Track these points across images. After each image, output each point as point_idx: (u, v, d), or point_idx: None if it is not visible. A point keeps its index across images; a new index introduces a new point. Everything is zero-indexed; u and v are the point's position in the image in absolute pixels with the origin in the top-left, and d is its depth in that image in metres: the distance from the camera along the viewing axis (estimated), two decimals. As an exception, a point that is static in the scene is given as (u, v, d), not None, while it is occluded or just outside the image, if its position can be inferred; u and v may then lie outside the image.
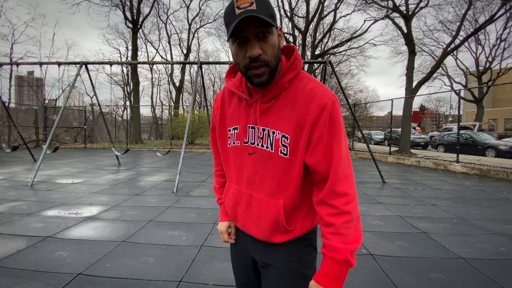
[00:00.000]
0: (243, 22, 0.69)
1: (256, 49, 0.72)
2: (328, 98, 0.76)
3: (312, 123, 0.76)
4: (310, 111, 0.76)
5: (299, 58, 0.83)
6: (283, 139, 0.79)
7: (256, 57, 0.73)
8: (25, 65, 36.96)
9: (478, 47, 22.27)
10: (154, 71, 31.60)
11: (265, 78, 0.76)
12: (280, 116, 0.80)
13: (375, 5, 13.16)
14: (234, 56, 0.78)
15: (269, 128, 0.82)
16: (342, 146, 0.77)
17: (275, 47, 0.75)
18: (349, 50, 22.57)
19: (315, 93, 0.77)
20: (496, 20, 10.61)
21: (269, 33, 0.73)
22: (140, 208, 4.01)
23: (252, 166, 0.86)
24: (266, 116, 0.82)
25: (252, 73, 0.76)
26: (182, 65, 23.91)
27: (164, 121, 25.95)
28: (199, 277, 2.16)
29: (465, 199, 4.86)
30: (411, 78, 11.82)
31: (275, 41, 0.75)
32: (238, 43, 0.74)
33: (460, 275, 2.25)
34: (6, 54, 18.37)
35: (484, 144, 11.71)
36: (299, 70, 0.82)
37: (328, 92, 0.77)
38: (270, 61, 0.74)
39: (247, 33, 0.71)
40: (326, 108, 0.75)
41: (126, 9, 18.52)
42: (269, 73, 0.76)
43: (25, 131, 17.54)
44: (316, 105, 0.75)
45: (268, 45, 0.73)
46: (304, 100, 0.77)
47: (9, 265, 2.26)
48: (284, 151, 0.79)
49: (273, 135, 0.81)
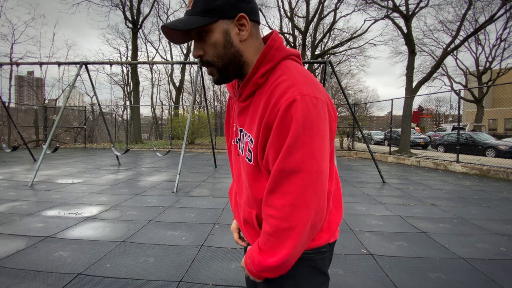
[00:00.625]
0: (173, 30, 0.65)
1: (195, 50, 0.69)
2: (287, 97, 0.60)
3: (267, 126, 0.64)
4: (267, 112, 0.63)
5: (279, 46, 0.69)
6: (250, 144, 0.71)
7: (197, 58, 0.70)
8: (25, 65, 37.03)
9: (478, 47, 22.30)
10: (154, 71, 31.62)
11: (218, 77, 0.71)
12: (252, 116, 0.71)
13: (375, 5, 13.16)
14: None
15: (244, 129, 0.75)
16: (291, 158, 0.59)
17: (217, 45, 0.67)
18: (349, 50, 22.58)
19: (277, 91, 0.63)
20: (496, 20, 10.62)
21: (207, 32, 0.66)
22: (140, 208, 4.01)
23: (238, 169, 0.82)
24: (242, 116, 0.76)
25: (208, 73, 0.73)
26: (182, 65, 23.91)
27: (164, 121, 25.95)
28: (199, 277, 2.16)
29: (465, 199, 4.86)
30: (411, 78, 11.83)
31: (217, 39, 0.66)
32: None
33: (460, 275, 2.25)
34: (6, 54, 18.39)
35: (484, 144, 11.71)
36: (277, 61, 0.68)
37: (293, 88, 0.60)
38: (212, 61, 0.69)
39: (192, 35, 0.69)
40: (280, 109, 0.60)
41: (126, 9, 18.52)
42: (218, 72, 0.71)
43: (25, 131, 17.53)
44: (273, 105, 0.62)
45: (207, 45, 0.68)
46: (266, 99, 0.65)
47: (9, 265, 2.26)
48: (249, 156, 0.72)
49: (245, 137, 0.73)
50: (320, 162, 0.60)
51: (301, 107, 0.58)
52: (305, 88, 0.61)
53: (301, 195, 0.59)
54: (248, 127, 0.72)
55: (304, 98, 0.59)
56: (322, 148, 0.60)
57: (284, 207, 0.61)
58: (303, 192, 0.59)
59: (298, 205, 0.60)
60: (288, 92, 0.60)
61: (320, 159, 0.60)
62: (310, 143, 0.59)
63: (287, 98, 0.59)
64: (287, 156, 0.59)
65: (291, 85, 0.61)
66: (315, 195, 0.60)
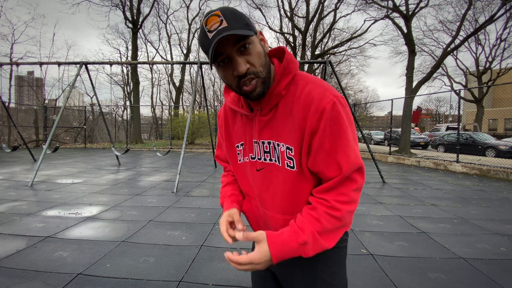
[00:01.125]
0: (219, 44, 0.66)
1: (242, 65, 0.68)
2: (326, 101, 0.68)
3: (311, 132, 0.70)
4: (309, 119, 0.70)
5: (293, 59, 0.77)
6: (288, 151, 0.74)
7: (245, 73, 0.69)
8: (25, 65, 37.03)
9: (478, 47, 22.28)
10: (154, 71, 31.62)
11: (259, 89, 0.72)
12: (281, 126, 0.75)
13: (375, 5, 13.17)
14: (223, 80, 0.75)
15: (273, 141, 0.77)
16: (349, 149, 0.70)
17: (261, 55, 0.71)
18: (349, 50, 22.60)
19: (311, 98, 0.70)
20: (496, 20, 10.62)
21: (250, 44, 0.68)
22: (140, 208, 4.01)
23: (261, 183, 0.82)
24: (267, 128, 0.78)
25: (245, 90, 0.72)
26: (182, 65, 23.91)
27: (164, 121, 25.97)
28: (199, 277, 2.16)
29: (465, 199, 4.86)
30: (411, 78, 11.83)
31: (259, 49, 0.71)
32: (223, 66, 0.71)
33: (460, 275, 2.25)
34: (6, 54, 18.40)
35: (484, 144, 11.71)
36: (295, 73, 0.76)
37: (327, 93, 0.70)
38: (259, 71, 0.70)
39: (228, 53, 0.68)
40: (325, 113, 0.68)
41: (126, 9, 18.53)
42: (262, 83, 0.72)
43: (25, 131, 17.53)
44: (313, 111, 0.69)
45: (252, 56, 0.69)
46: (301, 107, 0.71)
47: (9, 265, 2.26)
48: (291, 164, 0.74)
49: (278, 147, 0.76)
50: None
51: (341, 106, 0.70)
52: (333, 91, 0.71)
53: (362, 181, 0.73)
54: (278, 137, 0.76)
55: (339, 99, 0.70)
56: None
57: (353, 192, 0.72)
58: (362, 178, 0.74)
59: (360, 189, 0.74)
60: (325, 98, 0.69)
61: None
62: (355, 138, 0.73)
63: (328, 102, 0.69)
64: (349, 148, 0.70)
65: (323, 90, 0.71)
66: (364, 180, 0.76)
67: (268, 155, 0.79)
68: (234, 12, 0.67)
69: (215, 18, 0.65)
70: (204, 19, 0.67)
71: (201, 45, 0.70)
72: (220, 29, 0.64)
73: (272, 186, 0.80)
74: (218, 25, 0.65)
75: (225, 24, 0.65)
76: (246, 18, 0.68)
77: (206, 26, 0.66)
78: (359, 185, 0.72)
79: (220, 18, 0.65)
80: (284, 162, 0.75)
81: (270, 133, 0.77)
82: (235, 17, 0.66)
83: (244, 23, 0.67)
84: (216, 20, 0.65)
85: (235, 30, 0.64)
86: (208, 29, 0.66)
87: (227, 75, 0.72)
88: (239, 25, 0.66)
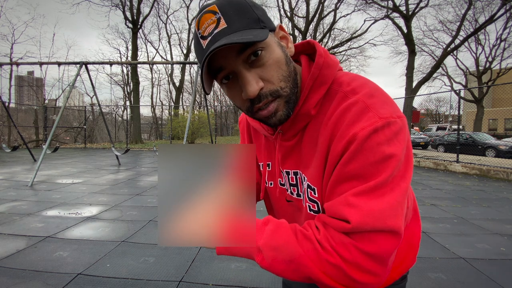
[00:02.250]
0: (216, 56, 0.46)
1: (253, 84, 0.46)
2: (362, 126, 0.44)
3: (334, 167, 0.48)
4: (333, 148, 0.48)
5: (328, 60, 0.53)
6: (310, 191, 0.55)
7: (257, 95, 0.48)
8: (25, 65, 37.04)
9: (478, 47, 22.31)
10: (154, 71, 31.64)
11: (282, 114, 0.51)
12: (307, 157, 0.55)
13: (375, 5, 13.19)
14: (231, 100, 0.54)
15: (300, 171, 0.58)
16: (379, 202, 0.43)
17: (281, 63, 0.48)
18: (349, 50, 22.64)
19: (344, 119, 0.47)
20: (496, 20, 10.63)
21: (263, 49, 0.47)
22: (140, 208, 4.01)
23: (291, 217, 0.64)
24: (292, 156, 0.59)
25: (262, 115, 0.51)
26: (182, 65, 23.92)
27: (164, 121, 25.99)
28: (199, 277, 2.16)
29: (465, 199, 4.86)
30: (411, 78, 11.84)
31: (278, 55, 0.48)
32: (226, 84, 0.51)
33: (460, 275, 2.25)
34: (6, 54, 18.44)
35: (484, 144, 11.71)
36: (331, 82, 0.52)
37: (370, 114, 0.45)
38: (280, 88, 0.48)
39: (231, 68, 0.48)
40: (354, 142, 0.44)
41: (126, 9, 18.55)
42: (286, 103, 0.50)
43: (25, 131, 17.54)
44: (339, 137, 0.46)
45: (268, 67, 0.47)
46: (329, 132, 0.49)
47: (9, 265, 2.26)
48: (315, 208, 0.55)
49: (304, 182, 0.57)
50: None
51: (386, 140, 0.44)
52: (384, 109, 0.46)
53: (385, 252, 0.50)
54: (305, 168, 0.56)
55: (389, 125, 0.45)
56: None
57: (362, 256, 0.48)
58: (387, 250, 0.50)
59: (379, 260, 0.49)
60: (363, 117, 0.45)
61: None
62: (403, 194, 0.45)
63: (364, 127, 0.44)
64: (377, 203, 0.44)
65: (365, 108, 0.46)
66: None
67: (295, 188, 0.61)
68: (237, 4, 0.46)
69: (209, 17, 0.46)
70: (197, 18, 0.48)
71: (196, 56, 0.51)
72: (217, 33, 0.45)
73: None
74: (213, 26, 0.45)
75: (223, 25, 0.45)
76: (256, 9, 0.48)
77: (199, 30, 0.47)
78: (375, 253, 0.43)
79: (217, 15, 0.45)
80: (307, 205, 0.56)
81: (296, 162, 0.58)
82: (238, 11, 0.46)
83: (253, 18, 0.46)
84: (211, 20, 0.46)
85: (238, 34, 0.44)
86: (201, 33, 0.47)
87: (234, 96, 0.52)
88: (244, 23, 0.46)
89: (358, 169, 0.44)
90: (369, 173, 0.44)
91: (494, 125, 24.36)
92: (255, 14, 0.47)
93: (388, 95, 0.50)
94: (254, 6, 0.48)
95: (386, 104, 0.47)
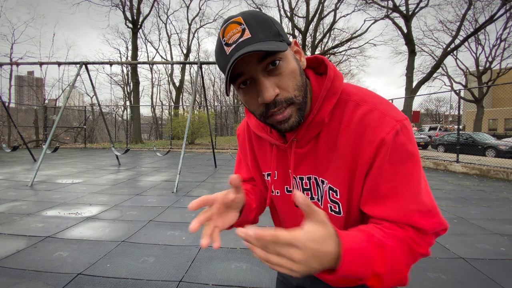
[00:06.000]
0: (238, 63, 0.51)
1: (270, 90, 0.51)
2: (386, 130, 0.51)
3: (367, 169, 0.54)
4: (362, 152, 0.53)
5: (338, 74, 0.59)
6: (331, 193, 0.60)
7: (273, 100, 0.53)
8: (25, 65, 37.01)
9: (478, 47, 22.33)
10: (154, 71, 31.65)
11: (294, 120, 0.55)
12: (324, 161, 0.60)
13: (375, 5, 13.20)
14: (245, 105, 0.59)
15: (316, 176, 0.63)
16: (421, 191, 0.52)
17: (296, 74, 0.54)
18: (349, 50, 22.65)
19: (366, 125, 0.53)
20: (496, 20, 10.64)
21: (281, 60, 0.52)
22: (140, 208, 4.01)
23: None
24: (307, 162, 0.63)
25: (275, 120, 0.55)
26: (182, 65, 23.92)
27: (164, 121, 26.01)
28: (199, 277, 2.16)
29: (465, 199, 4.86)
30: (411, 78, 11.85)
31: (293, 66, 0.54)
32: (244, 89, 0.55)
33: (460, 275, 2.25)
34: (6, 54, 18.47)
35: (484, 144, 11.71)
36: (340, 92, 0.58)
37: (387, 119, 0.52)
38: (294, 96, 0.53)
39: (250, 74, 0.52)
40: (384, 146, 0.51)
41: (126, 9, 18.56)
42: (298, 110, 0.55)
43: (25, 131, 17.54)
44: (367, 142, 0.53)
45: (284, 76, 0.52)
46: (351, 139, 0.55)
47: (9, 265, 2.26)
48: (336, 208, 0.60)
49: (322, 185, 0.62)
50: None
51: (407, 136, 0.52)
52: (395, 113, 0.53)
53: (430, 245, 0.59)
54: (323, 173, 0.61)
55: (405, 125, 0.53)
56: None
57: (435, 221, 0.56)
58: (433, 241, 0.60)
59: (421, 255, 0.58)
60: (384, 123, 0.52)
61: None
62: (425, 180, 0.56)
63: (389, 130, 0.51)
64: (421, 190, 0.52)
65: (382, 114, 0.53)
66: None
67: (308, 192, 0.65)
68: (260, 18, 0.52)
69: (235, 27, 0.51)
70: (222, 27, 0.53)
71: (217, 61, 0.56)
72: (241, 42, 0.50)
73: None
74: (238, 36, 0.50)
75: (247, 35, 0.50)
76: (276, 24, 0.54)
77: (224, 38, 0.52)
78: (436, 215, 0.53)
79: (242, 26, 0.51)
80: (328, 205, 0.61)
81: (310, 167, 0.63)
82: (261, 24, 0.51)
83: (273, 32, 0.52)
84: (236, 30, 0.51)
85: (260, 44, 0.49)
86: (225, 41, 0.52)
87: (249, 101, 0.56)
88: (266, 35, 0.51)
89: (394, 170, 0.52)
90: (406, 171, 0.52)
91: (494, 125, 24.35)
92: (275, 28, 0.53)
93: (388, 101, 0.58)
94: (275, 22, 0.54)
95: (393, 109, 0.55)
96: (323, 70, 0.62)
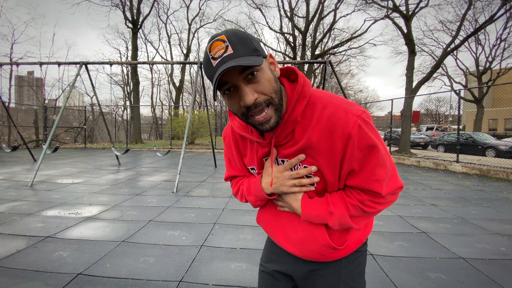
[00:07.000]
0: (224, 73, 0.62)
1: (249, 95, 0.63)
2: (351, 126, 0.67)
3: (340, 158, 0.70)
4: (334, 145, 0.68)
5: (306, 81, 0.73)
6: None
7: (252, 103, 0.64)
8: (25, 65, 37.03)
9: (478, 47, 22.28)
10: (154, 71, 31.64)
11: (274, 121, 0.68)
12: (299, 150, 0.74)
13: (375, 5, 13.17)
14: (229, 107, 0.72)
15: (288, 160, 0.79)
16: (385, 164, 0.71)
17: (271, 81, 0.66)
18: (349, 50, 22.62)
19: (334, 123, 0.68)
20: (496, 20, 10.61)
21: (258, 71, 0.64)
22: (140, 208, 4.01)
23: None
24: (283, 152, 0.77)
25: (255, 121, 0.68)
26: (182, 65, 23.92)
27: (164, 121, 26.00)
28: (199, 277, 2.16)
29: (465, 199, 4.86)
30: (411, 78, 11.82)
31: (269, 75, 0.66)
32: (228, 95, 0.67)
33: (460, 275, 2.25)
34: (6, 54, 18.45)
35: (484, 144, 11.71)
36: (309, 96, 0.72)
37: (349, 116, 0.68)
38: (271, 97, 0.66)
39: (233, 82, 0.64)
40: (351, 139, 0.67)
41: (126, 9, 18.54)
42: (276, 111, 0.68)
43: (25, 131, 17.54)
44: (339, 136, 0.68)
45: (261, 84, 0.64)
46: (324, 135, 0.69)
47: (9, 265, 2.26)
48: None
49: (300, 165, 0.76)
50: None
51: (367, 125, 0.69)
52: (355, 110, 0.69)
53: (396, 197, 0.81)
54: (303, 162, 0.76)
55: (364, 117, 0.69)
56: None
57: (388, 186, 0.75)
58: (397, 195, 0.81)
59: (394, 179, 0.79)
60: (348, 120, 0.67)
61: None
62: (387, 152, 0.74)
63: (353, 125, 0.67)
64: (385, 164, 0.72)
65: (345, 112, 0.68)
66: None
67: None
68: (240, 37, 0.63)
69: (219, 44, 0.62)
70: (208, 44, 0.64)
71: (205, 71, 0.68)
72: (225, 57, 0.61)
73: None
74: (222, 51, 0.62)
75: (230, 51, 0.61)
76: (254, 41, 0.65)
77: (211, 53, 0.63)
78: (394, 180, 0.76)
79: (225, 44, 0.62)
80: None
81: (286, 154, 0.77)
82: (241, 42, 0.63)
83: (251, 48, 0.64)
84: (220, 46, 0.62)
85: (241, 59, 0.61)
86: (212, 55, 0.63)
87: (233, 104, 0.68)
88: (246, 51, 0.62)
89: (361, 154, 0.69)
90: (371, 155, 0.69)
91: (494, 125, 24.34)
92: (253, 45, 0.65)
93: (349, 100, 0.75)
94: (252, 39, 0.66)
95: (353, 106, 0.71)
96: (295, 78, 0.76)
